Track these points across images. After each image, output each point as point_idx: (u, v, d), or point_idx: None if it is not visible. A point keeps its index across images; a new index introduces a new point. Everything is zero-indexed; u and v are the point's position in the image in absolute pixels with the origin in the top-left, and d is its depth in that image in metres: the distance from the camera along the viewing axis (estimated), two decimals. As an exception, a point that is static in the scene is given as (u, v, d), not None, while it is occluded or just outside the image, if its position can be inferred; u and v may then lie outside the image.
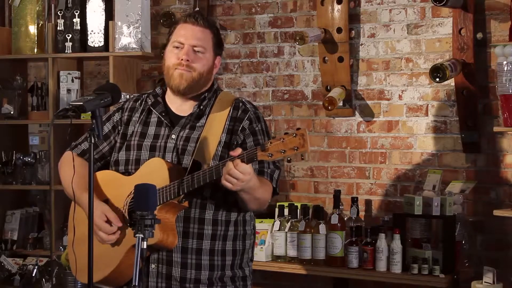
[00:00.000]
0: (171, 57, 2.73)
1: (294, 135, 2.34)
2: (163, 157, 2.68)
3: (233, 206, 2.69)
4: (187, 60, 2.68)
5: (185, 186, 2.54)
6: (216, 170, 2.48)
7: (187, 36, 2.70)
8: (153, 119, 2.79)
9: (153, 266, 2.67)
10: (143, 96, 2.88)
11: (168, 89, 2.81)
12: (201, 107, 2.75)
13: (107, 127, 2.83)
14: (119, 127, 2.83)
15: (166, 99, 2.81)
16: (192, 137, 2.70)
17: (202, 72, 2.71)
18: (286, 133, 2.37)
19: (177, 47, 2.71)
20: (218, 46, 2.79)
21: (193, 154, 2.64)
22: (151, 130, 2.77)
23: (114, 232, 2.62)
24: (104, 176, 2.76)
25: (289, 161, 2.40)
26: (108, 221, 2.61)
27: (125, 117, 2.83)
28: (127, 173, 2.74)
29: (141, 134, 2.77)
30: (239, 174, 2.41)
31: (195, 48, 2.70)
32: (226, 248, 2.72)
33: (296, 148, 2.34)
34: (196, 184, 2.52)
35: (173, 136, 2.71)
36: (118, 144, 2.81)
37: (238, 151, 2.43)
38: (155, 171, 2.61)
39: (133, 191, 2.59)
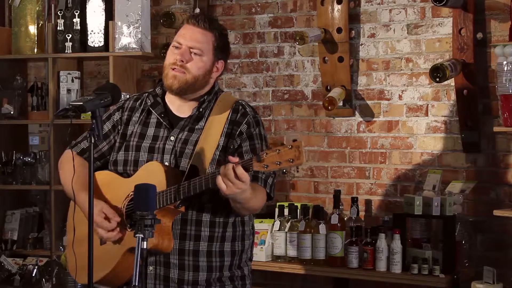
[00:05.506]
0: (169, 56, 2.72)
1: (290, 147, 2.32)
2: (161, 159, 2.66)
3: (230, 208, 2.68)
4: (182, 61, 2.67)
5: (181, 192, 2.53)
6: (212, 178, 2.46)
7: (186, 37, 2.69)
8: (153, 119, 2.77)
9: (150, 268, 2.66)
10: (144, 95, 2.86)
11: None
12: (201, 109, 2.73)
13: (107, 126, 2.81)
14: (119, 126, 2.81)
15: (166, 100, 2.80)
16: (191, 139, 2.68)
17: (197, 75, 2.69)
18: (282, 144, 2.35)
19: (176, 47, 2.71)
20: (221, 50, 2.74)
21: (191, 157, 2.63)
22: (150, 131, 2.75)
23: (114, 229, 2.60)
24: (102, 177, 2.75)
25: (284, 173, 2.37)
26: (107, 218, 2.60)
27: (125, 117, 2.81)
28: (125, 173, 2.73)
29: (140, 135, 2.75)
30: (234, 179, 2.38)
31: (192, 50, 2.68)
32: (224, 249, 2.71)
33: (291, 160, 2.32)
34: (193, 191, 2.51)
35: (172, 138, 2.70)
36: (117, 144, 2.79)
37: (235, 160, 2.40)
38: (152, 175, 2.59)
39: (131, 193, 2.59)
